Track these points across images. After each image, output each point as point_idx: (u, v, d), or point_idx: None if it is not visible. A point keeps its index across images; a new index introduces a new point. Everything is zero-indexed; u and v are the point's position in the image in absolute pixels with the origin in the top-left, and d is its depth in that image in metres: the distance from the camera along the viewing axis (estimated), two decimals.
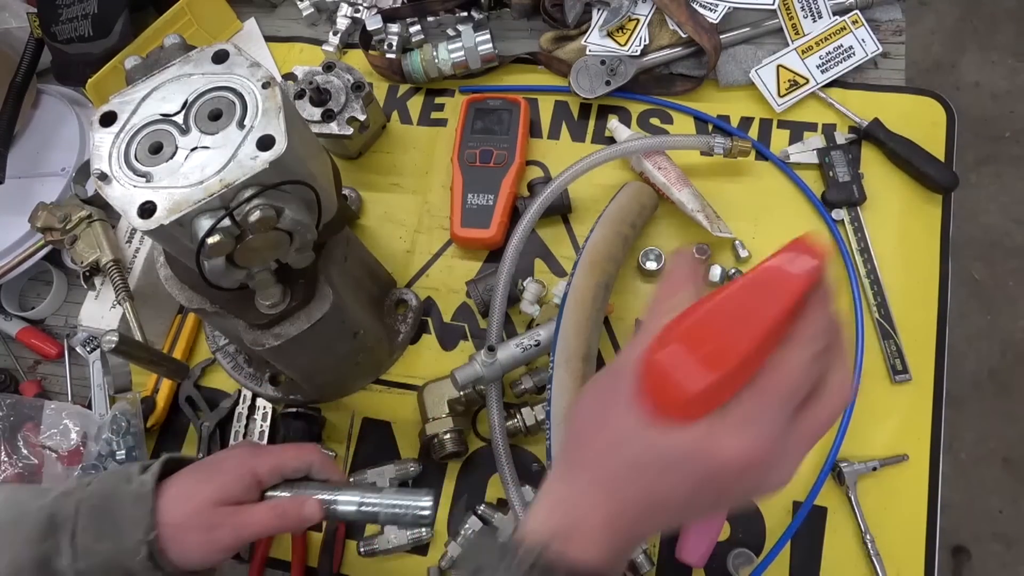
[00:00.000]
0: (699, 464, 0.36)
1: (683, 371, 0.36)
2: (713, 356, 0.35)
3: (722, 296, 0.37)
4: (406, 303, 0.80)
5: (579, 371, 0.65)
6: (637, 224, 0.74)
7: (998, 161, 1.82)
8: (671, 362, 0.36)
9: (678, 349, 0.36)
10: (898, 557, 0.65)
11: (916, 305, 0.72)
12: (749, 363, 0.35)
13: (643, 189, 0.77)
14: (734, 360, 0.35)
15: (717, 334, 0.36)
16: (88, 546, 0.50)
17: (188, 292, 0.62)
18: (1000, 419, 1.61)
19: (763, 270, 0.36)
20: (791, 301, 0.35)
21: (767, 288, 0.36)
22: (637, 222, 0.74)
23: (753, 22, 0.83)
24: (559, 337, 0.66)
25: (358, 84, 0.80)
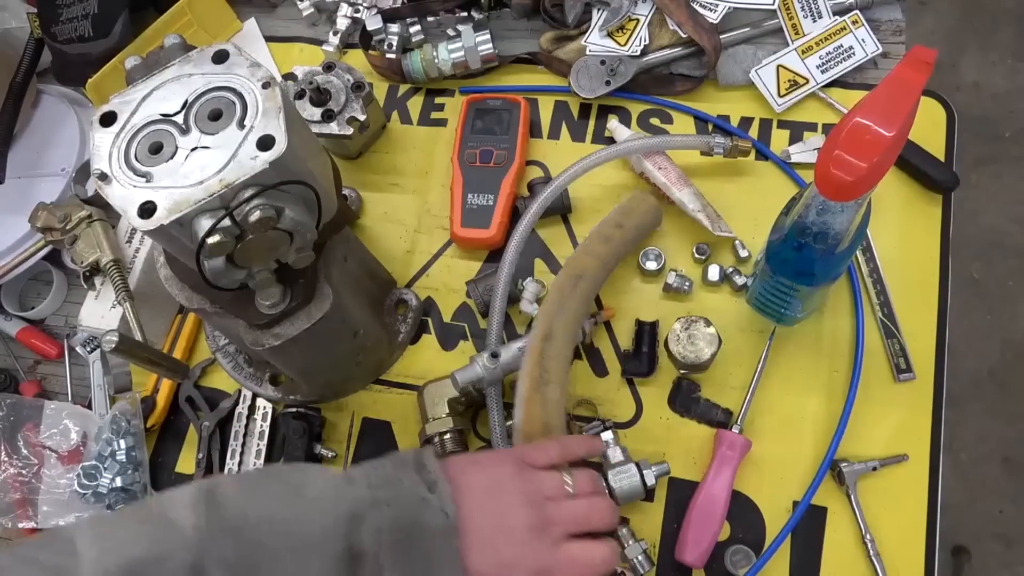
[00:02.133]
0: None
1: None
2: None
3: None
4: (406, 303, 0.80)
5: (536, 349, 0.64)
6: (625, 225, 0.72)
7: (998, 161, 1.82)
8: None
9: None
10: (898, 557, 0.65)
11: (916, 305, 0.72)
12: None
13: (643, 199, 0.75)
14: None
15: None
16: None
17: (188, 292, 0.62)
18: (1000, 419, 1.61)
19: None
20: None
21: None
22: (625, 223, 0.73)
23: (753, 22, 0.83)
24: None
25: (358, 84, 0.80)
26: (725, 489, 0.67)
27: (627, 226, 0.72)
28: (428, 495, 0.48)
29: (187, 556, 0.41)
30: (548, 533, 0.50)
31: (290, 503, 0.45)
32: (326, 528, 0.44)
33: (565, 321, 0.64)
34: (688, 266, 0.77)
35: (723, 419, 0.71)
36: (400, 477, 0.49)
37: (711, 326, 0.69)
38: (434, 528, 0.46)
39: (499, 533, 0.49)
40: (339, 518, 0.44)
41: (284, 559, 0.43)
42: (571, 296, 0.66)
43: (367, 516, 0.45)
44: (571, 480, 0.54)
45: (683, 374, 0.73)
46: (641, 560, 0.66)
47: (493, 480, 0.52)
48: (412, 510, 0.47)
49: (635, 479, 0.67)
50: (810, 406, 0.71)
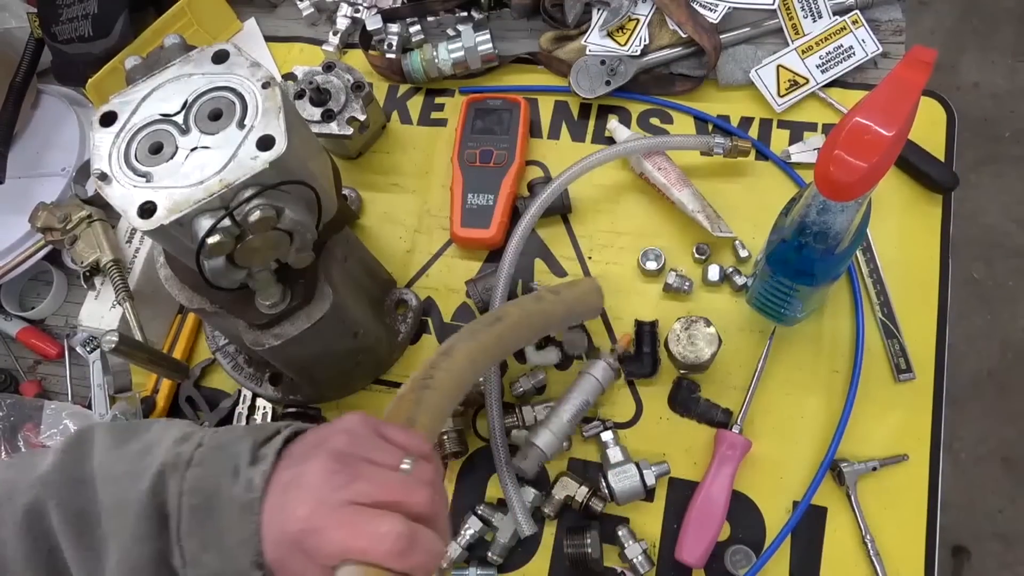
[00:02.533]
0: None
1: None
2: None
3: None
4: (406, 303, 0.80)
5: (430, 360, 0.57)
6: (562, 295, 0.67)
7: (998, 161, 1.82)
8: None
9: None
10: (898, 557, 0.65)
11: (916, 305, 0.72)
12: None
13: (590, 282, 0.71)
14: None
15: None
16: (195, 554, 0.42)
17: (188, 292, 0.62)
18: (1000, 419, 1.61)
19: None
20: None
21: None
22: (563, 292, 0.67)
23: (753, 22, 0.83)
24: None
25: (358, 84, 0.80)
26: (725, 489, 0.67)
27: (564, 296, 0.66)
28: (244, 466, 0.43)
29: (28, 497, 0.44)
30: (345, 488, 0.41)
31: (132, 459, 0.45)
32: (141, 490, 0.43)
33: (470, 347, 0.58)
34: (688, 266, 0.77)
35: (723, 419, 0.71)
36: (235, 441, 0.45)
37: (711, 326, 0.69)
38: (233, 499, 0.42)
39: (291, 489, 0.42)
40: (152, 475, 0.43)
41: (111, 514, 0.43)
42: (484, 331, 0.60)
43: (171, 476, 0.43)
44: (411, 461, 0.45)
45: (683, 374, 0.73)
46: (641, 560, 0.67)
47: (319, 438, 0.45)
48: (218, 478, 0.43)
49: (635, 479, 0.67)
50: (810, 406, 0.71)
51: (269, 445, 0.44)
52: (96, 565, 0.43)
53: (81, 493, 0.44)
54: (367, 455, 0.43)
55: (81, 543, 0.43)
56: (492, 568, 0.70)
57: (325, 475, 0.41)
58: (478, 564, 0.70)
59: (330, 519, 0.40)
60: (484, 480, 0.73)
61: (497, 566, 0.70)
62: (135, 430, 0.48)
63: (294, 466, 0.43)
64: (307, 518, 0.40)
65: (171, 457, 0.44)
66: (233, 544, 0.41)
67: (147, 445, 0.46)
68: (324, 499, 0.40)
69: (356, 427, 0.45)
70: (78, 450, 0.46)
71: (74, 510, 0.44)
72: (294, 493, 0.41)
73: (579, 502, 0.69)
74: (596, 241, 0.80)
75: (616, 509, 0.70)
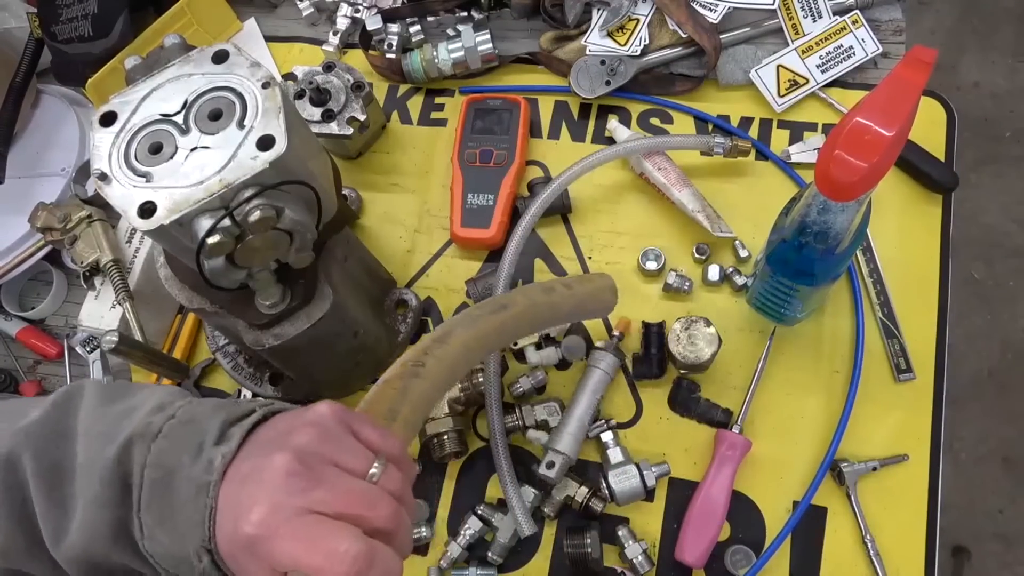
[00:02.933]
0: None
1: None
2: None
3: None
4: (406, 303, 0.80)
5: (422, 344, 0.53)
6: (574, 288, 0.63)
7: (998, 161, 1.82)
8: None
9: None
10: (898, 557, 0.65)
11: (916, 305, 0.72)
12: None
13: (604, 278, 0.66)
14: None
15: None
16: (151, 528, 0.41)
17: (188, 292, 0.62)
18: (1000, 419, 1.61)
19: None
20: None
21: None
22: (575, 287, 0.63)
23: (753, 22, 0.83)
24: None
25: (358, 84, 0.80)
26: (725, 489, 0.67)
27: (576, 291, 0.62)
28: (209, 444, 0.41)
29: (8, 446, 0.44)
30: (304, 494, 0.38)
31: (112, 420, 0.44)
32: (109, 454, 0.42)
33: (467, 335, 0.54)
34: (688, 266, 0.77)
35: (723, 419, 0.71)
36: (206, 416, 0.43)
37: (711, 326, 0.69)
38: (191, 479, 0.40)
39: (249, 483, 0.39)
40: (122, 441, 0.42)
41: (83, 472, 0.42)
42: (486, 318, 0.56)
43: (137, 446, 0.42)
44: (380, 467, 0.42)
45: (683, 374, 0.73)
46: (641, 560, 0.67)
47: (288, 426, 0.42)
48: (180, 453, 0.41)
49: (635, 480, 0.67)
50: (810, 406, 0.71)
51: (239, 425, 0.42)
52: (62, 521, 0.43)
53: (59, 447, 0.44)
54: (333, 456, 0.41)
55: (51, 497, 0.43)
56: (492, 568, 0.70)
57: (285, 476, 0.38)
58: (478, 564, 0.70)
59: (285, 527, 0.37)
60: (484, 480, 0.73)
61: (497, 566, 0.70)
62: (124, 391, 0.47)
63: (257, 456, 0.40)
64: (260, 522, 0.37)
65: (142, 427, 0.43)
66: (184, 526, 0.40)
67: (129, 408, 0.45)
68: (280, 504, 0.38)
69: (326, 420, 0.42)
70: (66, 404, 0.46)
71: (48, 463, 0.43)
72: (251, 489, 0.39)
73: (579, 502, 0.69)
74: (596, 241, 0.80)
75: (616, 509, 0.70)
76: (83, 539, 0.42)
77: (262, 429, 0.43)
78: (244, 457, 0.41)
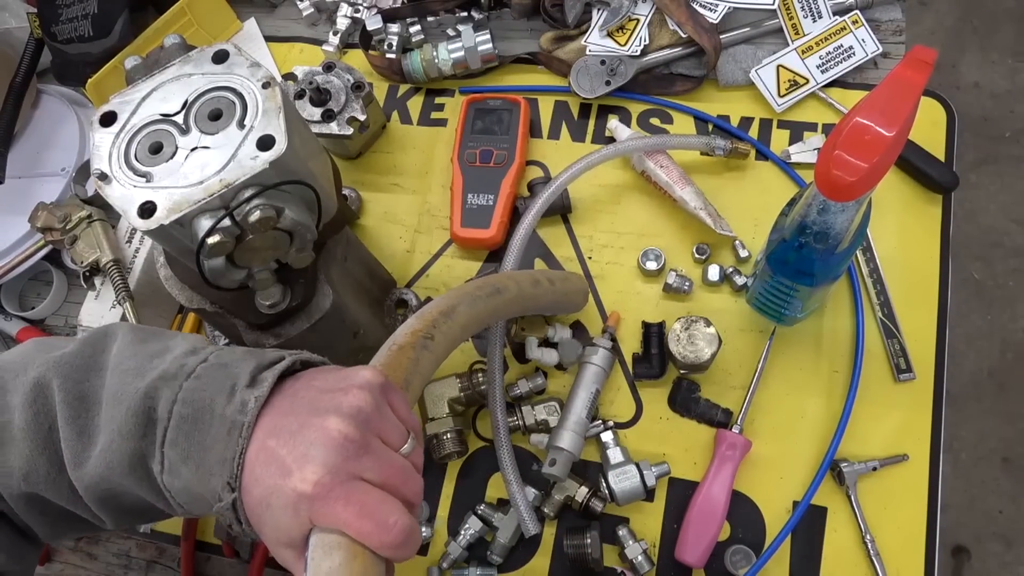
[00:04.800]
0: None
1: None
2: None
3: None
4: (406, 303, 0.80)
5: (431, 314, 0.56)
6: (555, 283, 0.69)
7: (998, 161, 1.82)
8: None
9: None
10: (898, 557, 0.66)
11: (916, 305, 0.72)
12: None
13: (580, 280, 0.74)
14: None
15: None
16: (173, 463, 0.42)
17: (188, 292, 0.62)
18: (1000, 419, 1.61)
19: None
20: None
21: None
22: (556, 282, 0.69)
23: (753, 22, 0.83)
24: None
25: (358, 84, 0.80)
26: (725, 489, 0.67)
27: (556, 288, 0.68)
28: (242, 387, 0.42)
29: (40, 372, 0.45)
30: (356, 460, 0.40)
31: (144, 358, 0.45)
32: (138, 387, 0.43)
33: (468, 315, 0.57)
34: (688, 266, 0.77)
35: (723, 419, 0.71)
36: (237, 362, 0.44)
37: (711, 326, 0.69)
38: (225, 417, 0.41)
39: (300, 442, 0.40)
40: (152, 378, 0.43)
41: (110, 404, 0.44)
42: (483, 301, 0.59)
43: (170, 383, 0.43)
44: (412, 443, 0.44)
45: (683, 374, 0.73)
46: (641, 560, 0.67)
47: (331, 385, 0.43)
48: (213, 393, 0.42)
49: (635, 479, 0.67)
50: (810, 406, 0.71)
51: (270, 370, 0.43)
52: (83, 449, 0.44)
53: (89, 379, 0.45)
54: (379, 428, 0.43)
55: (75, 424, 0.44)
56: (492, 568, 0.70)
57: (343, 440, 0.40)
58: (478, 564, 0.70)
59: (339, 490, 0.39)
60: (484, 480, 0.73)
61: (497, 566, 0.70)
62: (158, 334, 0.49)
63: (303, 412, 0.41)
64: (318, 482, 0.39)
65: (175, 367, 0.44)
66: (213, 461, 0.41)
67: (162, 348, 0.46)
68: (335, 467, 0.39)
69: (375, 389, 0.44)
70: (100, 341, 0.47)
71: (77, 393, 0.44)
72: (301, 447, 0.40)
73: (579, 502, 0.69)
74: (596, 241, 0.80)
75: (616, 509, 0.70)
76: (101, 467, 0.43)
77: (296, 383, 0.44)
78: (284, 410, 0.42)
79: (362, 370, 0.45)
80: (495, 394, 0.70)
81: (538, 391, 0.73)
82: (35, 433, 0.45)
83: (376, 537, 0.39)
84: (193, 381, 0.43)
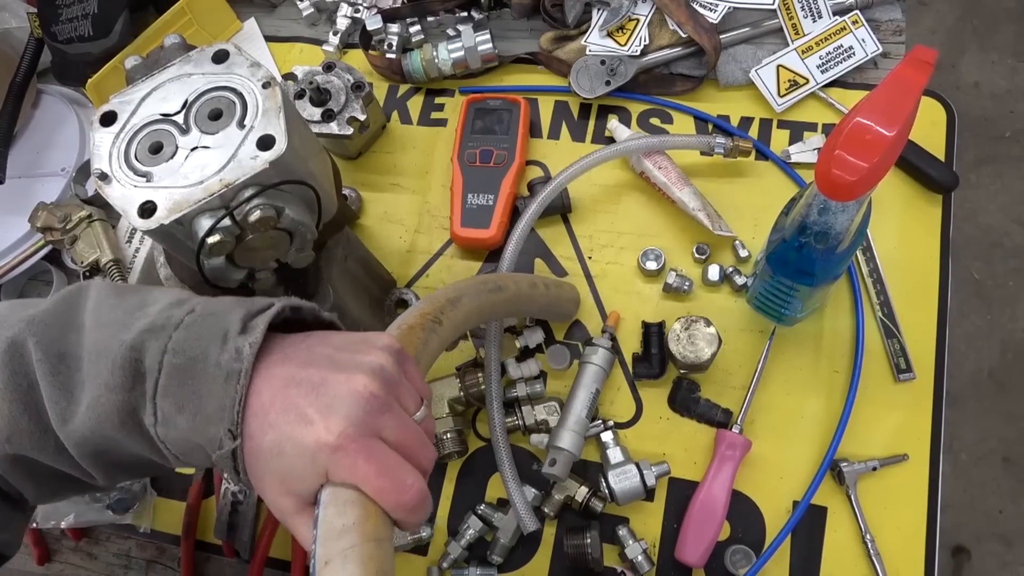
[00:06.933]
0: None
1: None
2: None
3: None
4: (406, 303, 0.80)
5: (440, 300, 0.57)
6: (550, 289, 0.70)
7: (998, 161, 1.82)
8: None
9: None
10: (898, 557, 0.66)
11: (916, 305, 0.72)
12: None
13: (572, 288, 0.75)
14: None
15: None
16: (168, 414, 0.41)
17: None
18: (1000, 419, 1.61)
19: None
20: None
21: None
22: (551, 287, 0.71)
23: (753, 22, 0.83)
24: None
25: (358, 84, 0.80)
26: (725, 489, 0.67)
27: (551, 293, 0.70)
28: (234, 335, 0.42)
29: (13, 331, 0.44)
30: (378, 418, 0.41)
31: (124, 313, 0.45)
32: (123, 340, 0.42)
33: (471, 307, 0.58)
34: (688, 266, 0.77)
35: (723, 419, 0.71)
36: (226, 311, 0.43)
37: (711, 326, 0.69)
38: (220, 365, 0.41)
39: (323, 394, 0.40)
40: (138, 331, 0.42)
41: (91, 359, 0.43)
42: (486, 296, 0.61)
43: (158, 334, 0.42)
44: (425, 411, 0.45)
45: (683, 374, 0.73)
46: (641, 560, 0.67)
47: (350, 347, 0.43)
48: (205, 342, 0.41)
49: (635, 479, 0.67)
50: (810, 406, 0.71)
51: (260, 316, 0.43)
52: (68, 406, 0.43)
53: (66, 336, 0.44)
54: (397, 391, 0.43)
55: (56, 382, 0.43)
56: (492, 568, 0.70)
57: (368, 396, 0.40)
58: (478, 564, 0.70)
59: (359, 444, 0.39)
60: (484, 480, 0.73)
61: (497, 566, 0.70)
62: (135, 288, 0.48)
63: (323, 367, 0.41)
64: (342, 433, 0.39)
65: (162, 319, 0.43)
66: (211, 409, 0.40)
67: (143, 302, 0.45)
68: (358, 422, 0.39)
69: (395, 352, 0.44)
70: (74, 298, 0.46)
71: (54, 350, 0.44)
72: (327, 401, 0.40)
73: (579, 502, 0.69)
74: (596, 241, 0.80)
75: (616, 509, 0.70)
76: (90, 422, 0.42)
77: (309, 338, 0.44)
78: (302, 362, 0.42)
79: (380, 335, 0.46)
80: (492, 394, 0.70)
81: (535, 397, 0.73)
82: (14, 393, 0.44)
83: (393, 496, 0.39)
84: (182, 331, 0.42)
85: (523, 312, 0.68)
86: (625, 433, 0.73)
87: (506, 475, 0.68)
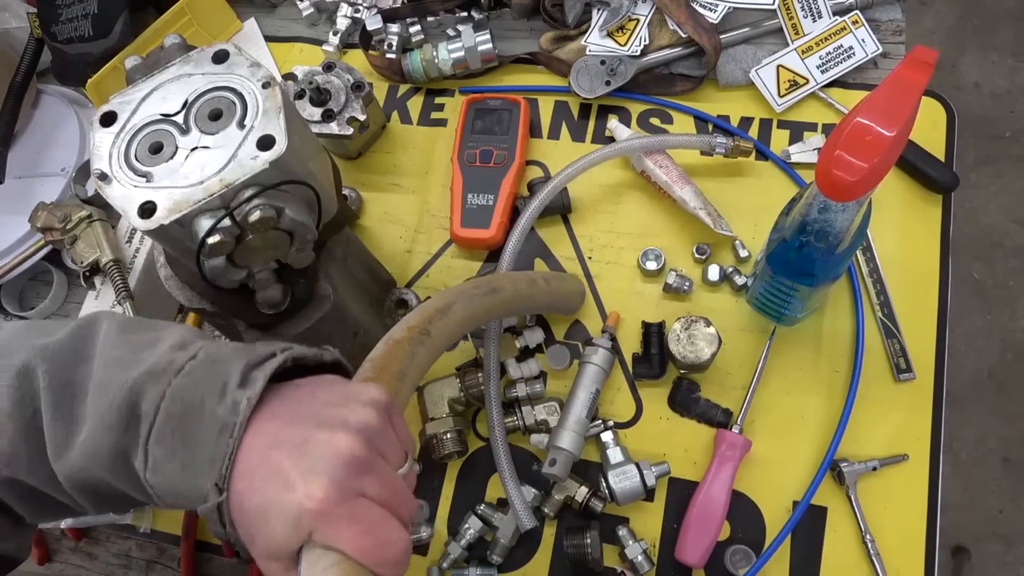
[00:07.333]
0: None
1: None
2: None
3: None
4: (406, 303, 0.80)
5: (428, 310, 0.57)
6: (551, 284, 0.70)
7: (998, 161, 1.82)
8: None
9: None
10: (898, 557, 0.66)
11: (916, 305, 0.72)
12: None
13: (576, 280, 0.75)
14: None
15: None
16: (158, 460, 0.41)
17: (188, 292, 0.62)
18: (1000, 419, 1.61)
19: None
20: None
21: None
22: (552, 283, 0.70)
23: (753, 22, 0.83)
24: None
25: (358, 84, 0.80)
26: (725, 489, 0.67)
27: (553, 288, 0.69)
28: (233, 387, 0.42)
29: (26, 356, 0.45)
30: (361, 478, 0.40)
31: (132, 348, 0.45)
32: (124, 380, 0.42)
33: (465, 313, 0.58)
34: (688, 266, 0.77)
35: (723, 419, 0.71)
36: (228, 359, 0.43)
37: (711, 326, 0.69)
38: (216, 417, 0.41)
39: (306, 455, 0.40)
40: (140, 373, 0.42)
41: (92, 394, 0.43)
42: (480, 299, 0.60)
43: (159, 378, 0.42)
44: (409, 465, 0.45)
45: (683, 374, 0.73)
46: (641, 560, 0.67)
47: (337, 402, 0.43)
48: (203, 392, 0.41)
49: (635, 479, 0.67)
50: (810, 406, 0.71)
51: (260, 369, 0.43)
52: (66, 438, 0.43)
53: (75, 367, 0.44)
54: (382, 446, 0.43)
55: (58, 413, 0.44)
56: (492, 568, 0.70)
57: (350, 458, 0.40)
58: (478, 564, 0.70)
59: (343, 508, 0.39)
60: (484, 480, 0.73)
61: (497, 566, 0.70)
62: (144, 324, 0.48)
63: (306, 425, 0.41)
64: (324, 499, 0.38)
65: (163, 362, 0.43)
66: (202, 460, 0.40)
67: (151, 340, 0.46)
68: (342, 484, 0.39)
69: (381, 407, 0.44)
70: (88, 328, 0.47)
71: (62, 380, 0.44)
72: (306, 462, 0.39)
73: (579, 502, 0.69)
74: (596, 241, 0.80)
75: (616, 509, 0.70)
76: (83, 458, 0.43)
77: (297, 391, 0.44)
78: (287, 419, 0.42)
79: (368, 387, 0.45)
80: (491, 392, 0.70)
81: (535, 398, 0.73)
82: (19, 418, 0.44)
83: (378, 553, 0.39)
84: (183, 378, 0.42)
85: (523, 311, 0.68)
86: (625, 433, 0.73)
87: (504, 474, 0.68)
